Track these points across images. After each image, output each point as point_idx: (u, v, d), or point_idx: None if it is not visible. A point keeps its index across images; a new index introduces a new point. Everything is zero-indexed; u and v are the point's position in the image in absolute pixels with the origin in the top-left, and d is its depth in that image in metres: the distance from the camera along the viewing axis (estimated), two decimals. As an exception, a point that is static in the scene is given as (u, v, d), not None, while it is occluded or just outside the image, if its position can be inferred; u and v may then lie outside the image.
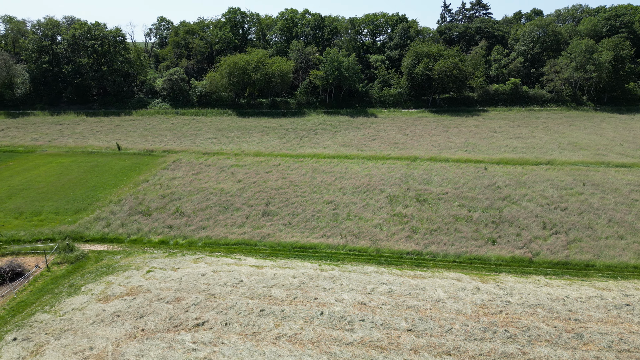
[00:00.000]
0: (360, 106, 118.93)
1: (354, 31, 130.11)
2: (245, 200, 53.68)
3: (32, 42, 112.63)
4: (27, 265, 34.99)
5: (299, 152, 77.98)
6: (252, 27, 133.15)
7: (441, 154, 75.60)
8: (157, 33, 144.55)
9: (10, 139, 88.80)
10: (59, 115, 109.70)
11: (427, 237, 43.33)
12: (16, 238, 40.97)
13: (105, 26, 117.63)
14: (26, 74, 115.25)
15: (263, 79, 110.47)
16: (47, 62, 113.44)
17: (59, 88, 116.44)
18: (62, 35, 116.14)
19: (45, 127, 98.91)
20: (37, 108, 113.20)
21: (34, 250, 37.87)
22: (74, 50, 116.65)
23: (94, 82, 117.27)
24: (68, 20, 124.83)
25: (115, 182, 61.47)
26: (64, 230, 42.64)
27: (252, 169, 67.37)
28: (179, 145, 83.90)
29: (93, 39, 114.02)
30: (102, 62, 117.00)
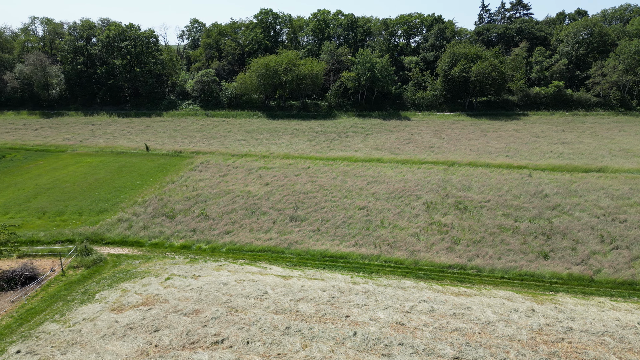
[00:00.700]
0: (393, 109, 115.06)
1: (387, 32, 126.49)
2: (272, 204, 50.96)
3: (67, 43, 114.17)
4: (42, 269, 33.21)
5: (329, 155, 74.95)
6: (284, 29, 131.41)
7: (480, 159, 71.00)
8: (190, 35, 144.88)
9: (43, 138, 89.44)
10: (91, 115, 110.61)
11: (470, 248, 39.36)
12: (35, 239, 39.48)
13: (138, 28, 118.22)
14: (61, 74, 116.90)
15: (294, 80, 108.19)
16: (82, 63, 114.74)
17: (93, 89, 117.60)
18: (97, 36, 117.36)
19: (78, 127, 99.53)
20: (71, 109, 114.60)
21: (52, 253, 36.18)
22: (108, 51, 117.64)
23: (127, 84, 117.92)
24: (104, 22, 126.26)
25: (141, 182, 59.97)
26: (84, 232, 40.92)
27: (281, 172, 64.74)
28: (208, 146, 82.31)
29: (126, 40, 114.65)
30: (135, 64, 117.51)
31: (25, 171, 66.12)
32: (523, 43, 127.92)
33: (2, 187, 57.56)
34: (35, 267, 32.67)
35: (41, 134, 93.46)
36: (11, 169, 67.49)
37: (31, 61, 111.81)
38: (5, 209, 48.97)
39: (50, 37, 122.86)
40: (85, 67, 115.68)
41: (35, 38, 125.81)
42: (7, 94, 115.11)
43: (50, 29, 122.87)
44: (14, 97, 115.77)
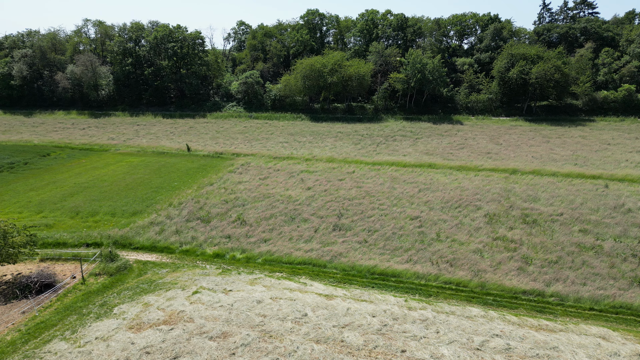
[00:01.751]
0: (444, 112, 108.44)
1: (439, 32, 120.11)
2: (314, 210, 46.67)
3: (117, 45, 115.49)
4: (62, 275, 30.46)
5: (375, 160, 70.03)
6: (330, 30, 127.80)
7: (546, 167, 63.83)
8: (236, 37, 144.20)
9: (89, 138, 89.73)
10: (137, 116, 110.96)
11: (545, 270, 33.35)
12: (62, 241, 37.09)
13: (185, 29, 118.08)
14: (110, 75, 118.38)
15: (339, 82, 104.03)
16: (130, 64, 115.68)
17: (140, 90, 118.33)
18: (145, 38, 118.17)
19: (123, 127, 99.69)
20: (118, 109, 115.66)
21: (75, 257, 33.49)
22: (156, 52, 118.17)
23: (172, 85, 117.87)
24: (153, 25, 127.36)
25: (179, 183, 57.39)
26: (113, 235, 38.18)
27: (324, 176, 60.48)
28: (249, 148, 79.43)
29: (173, 41, 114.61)
30: (181, 65, 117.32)
31: (66, 169, 65.34)
32: (588, 44, 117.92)
33: (42, 184, 56.52)
34: (54, 273, 29.96)
35: (87, 133, 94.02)
36: (53, 167, 66.98)
37: (82, 62, 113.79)
38: (40, 207, 47.36)
39: (101, 39, 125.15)
40: (133, 68, 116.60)
41: (87, 40, 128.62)
42: (58, 94, 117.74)
43: (102, 31, 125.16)
44: (65, 97, 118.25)
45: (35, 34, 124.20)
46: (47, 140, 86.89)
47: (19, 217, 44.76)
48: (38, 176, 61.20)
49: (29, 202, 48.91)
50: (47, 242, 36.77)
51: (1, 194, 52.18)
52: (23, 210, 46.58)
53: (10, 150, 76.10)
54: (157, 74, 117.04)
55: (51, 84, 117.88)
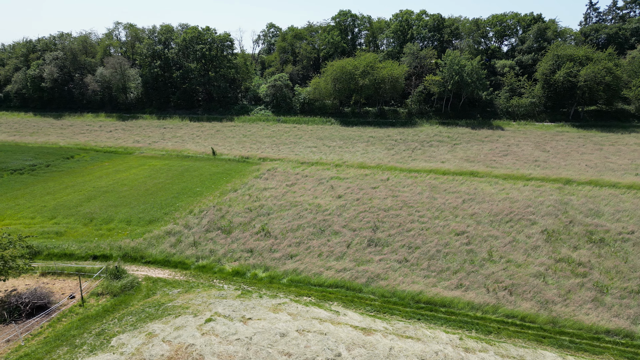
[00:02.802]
0: (483, 117, 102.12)
1: (477, 33, 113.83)
2: (346, 221, 42.03)
3: (146, 47, 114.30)
4: (60, 294, 26.91)
5: (411, 166, 64.84)
6: (363, 31, 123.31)
7: (603, 177, 57.21)
8: (265, 40, 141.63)
9: (115, 140, 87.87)
10: (164, 119, 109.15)
11: (627, 302, 27.66)
12: (69, 252, 33.73)
13: (214, 31, 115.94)
14: (139, 78, 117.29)
15: (371, 85, 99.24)
16: (159, 66, 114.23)
17: (168, 93, 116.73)
18: (174, 40, 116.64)
19: (150, 130, 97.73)
20: (146, 112, 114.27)
21: (79, 272, 29.98)
22: (184, 54, 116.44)
23: (200, 88, 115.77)
24: (183, 27, 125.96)
25: (201, 189, 53.81)
26: (124, 246, 34.57)
27: (355, 183, 55.79)
28: (276, 153, 75.54)
29: (202, 43, 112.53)
30: (210, 67, 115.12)
31: (88, 172, 62.92)
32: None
33: (60, 188, 53.97)
34: (51, 291, 26.41)
35: (113, 136, 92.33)
36: (75, 170, 64.73)
37: (111, 64, 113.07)
38: (54, 212, 44.47)
39: (131, 42, 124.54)
40: (161, 70, 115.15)
41: (118, 42, 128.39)
42: (88, 96, 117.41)
43: (132, 34, 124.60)
44: (95, 99, 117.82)
45: (67, 36, 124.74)
46: (73, 142, 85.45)
47: (30, 222, 41.94)
48: (58, 179, 58.87)
49: (43, 207, 46.17)
50: (52, 253, 33.51)
51: (17, 198, 49.74)
52: (36, 215, 43.78)
53: (34, 152, 74.64)
54: (185, 77, 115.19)
55: (81, 87, 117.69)
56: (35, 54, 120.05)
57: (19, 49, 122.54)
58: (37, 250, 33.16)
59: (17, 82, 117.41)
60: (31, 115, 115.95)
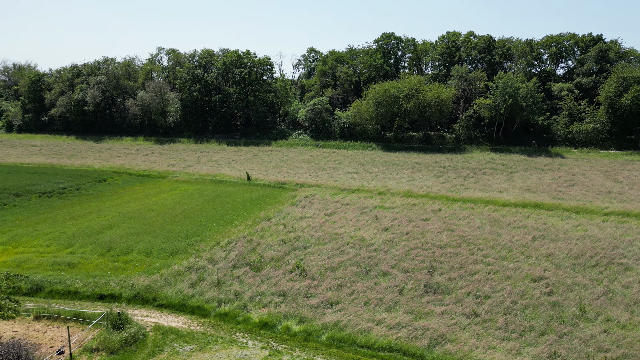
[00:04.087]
0: (538, 144, 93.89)
1: (531, 55, 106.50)
2: (395, 259, 35.78)
3: (186, 71, 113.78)
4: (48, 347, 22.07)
5: (464, 196, 57.98)
6: (406, 54, 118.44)
7: (700, 213, 48.41)
8: (305, 64, 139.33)
9: (149, 164, 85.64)
10: (201, 143, 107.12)
11: None
12: (73, 289, 29.22)
13: (255, 55, 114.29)
14: (178, 102, 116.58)
15: (416, 108, 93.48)
16: (198, 90, 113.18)
17: (206, 117, 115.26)
18: (214, 64, 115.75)
19: (186, 154, 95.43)
20: (184, 136, 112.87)
21: (77, 317, 25.24)
22: (224, 78, 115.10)
23: (239, 112, 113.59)
24: (223, 52, 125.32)
25: (232, 217, 49.06)
26: (137, 284, 29.70)
27: (403, 214, 49.52)
28: (315, 178, 70.47)
29: (242, 67, 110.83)
30: (249, 91, 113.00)
31: (117, 196, 59.76)
32: None
33: (84, 212, 50.60)
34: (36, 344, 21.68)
35: (149, 160, 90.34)
36: (104, 193, 61.82)
37: (151, 88, 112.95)
38: (72, 240, 40.63)
39: (172, 66, 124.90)
40: (200, 94, 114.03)
41: (159, 67, 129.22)
42: (128, 120, 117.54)
43: (174, 59, 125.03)
44: (134, 123, 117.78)
45: (111, 61, 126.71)
46: (108, 165, 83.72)
47: (45, 250, 38.13)
48: (85, 203, 55.82)
49: (62, 234, 42.50)
50: (55, 290, 29.09)
51: (38, 223, 46.53)
52: (52, 243, 40.04)
53: (68, 175, 72.85)
54: (224, 101, 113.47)
55: (122, 111, 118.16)
56: (80, 78, 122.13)
57: (65, 74, 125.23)
58: (38, 285, 28.92)
59: (61, 105, 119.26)
60: (73, 138, 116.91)
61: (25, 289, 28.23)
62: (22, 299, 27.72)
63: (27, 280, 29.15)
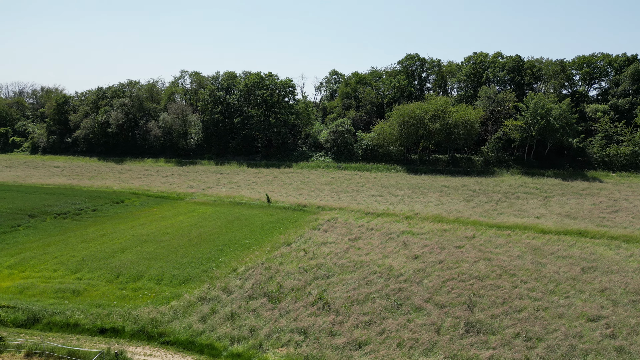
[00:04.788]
0: (573, 167, 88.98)
1: (562, 76, 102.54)
2: (429, 292, 32.11)
3: (208, 93, 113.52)
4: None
5: (498, 221, 53.87)
6: (431, 75, 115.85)
7: None
8: (327, 86, 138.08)
9: (169, 185, 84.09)
10: (222, 165, 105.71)
11: None
12: (73, 322, 26.51)
13: (277, 77, 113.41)
14: (200, 124, 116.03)
15: (443, 130, 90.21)
16: (220, 112, 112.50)
17: (227, 139, 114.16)
18: (236, 86, 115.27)
19: (206, 176, 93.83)
20: (205, 157, 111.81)
21: (71, 355, 22.37)
22: (246, 100, 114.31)
23: (260, 134, 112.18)
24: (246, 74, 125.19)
25: (250, 241, 46.19)
26: (142, 317, 26.82)
27: (433, 240, 45.82)
28: (337, 201, 67.38)
29: (264, 88, 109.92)
30: (270, 113, 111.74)
31: (133, 218, 57.75)
32: None
33: (97, 235, 48.50)
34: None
35: (168, 181, 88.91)
36: (120, 215, 59.94)
37: (173, 110, 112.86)
38: (80, 264, 38.30)
39: (194, 89, 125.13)
40: (222, 116, 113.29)
41: (182, 89, 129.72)
42: (150, 142, 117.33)
43: (196, 81, 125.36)
44: (156, 145, 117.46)
45: (135, 84, 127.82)
46: (127, 187, 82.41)
47: (51, 275, 35.81)
48: (99, 224, 53.88)
49: (72, 257, 40.27)
50: (53, 322, 26.42)
51: (49, 245, 44.52)
52: (60, 267, 37.75)
53: (86, 196, 71.57)
54: (245, 123, 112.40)
55: (144, 132, 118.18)
56: (104, 100, 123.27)
57: (90, 96, 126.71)
58: (36, 316, 26.34)
59: (85, 127, 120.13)
60: (95, 159, 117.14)
61: (21, 320, 25.72)
62: (17, 330, 25.19)
63: (25, 310, 26.63)
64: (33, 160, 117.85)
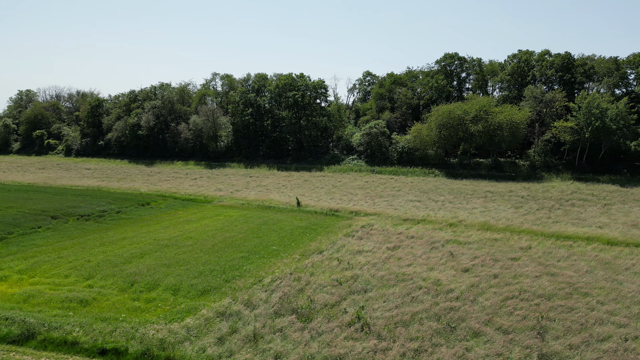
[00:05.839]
0: (631, 173, 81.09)
1: (616, 74, 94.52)
2: (487, 313, 27.06)
3: (239, 95, 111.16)
4: None
5: (555, 230, 47.90)
6: (471, 75, 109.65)
7: None
8: (361, 88, 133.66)
9: (197, 188, 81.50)
10: (251, 168, 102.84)
11: None
12: (71, 339, 22.93)
13: (309, 78, 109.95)
14: (230, 126, 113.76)
15: (485, 132, 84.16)
16: (250, 114, 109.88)
17: (258, 142, 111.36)
18: (267, 87, 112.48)
19: (235, 179, 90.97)
20: (235, 160, 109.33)
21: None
22: (277, 102, 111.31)
23: (291, 136, 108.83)
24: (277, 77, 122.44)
25: (278, 248, 42.16)
26: (149, 337, 22.96)
27: (484, 251, 40.54)
28: (372, 206, 62.78)
29: (295, 89, 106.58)
30: (301, 115, 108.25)
31: (156, 221, 54.85)
32: None
33: (117, 238, 45.58)
34: None
35: (196, 184, 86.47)
36: (144, 218, 57.21)
37: (204, 112, 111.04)
38: (94, 270, 35.14)
39: (225, 91, 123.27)
40: (252, 119, 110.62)
41: (213, 92, 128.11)
42: (180, 144, 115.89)
43: (227, 84, 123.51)
44: (186, 147, 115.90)
45: (166, 87, 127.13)
46: (155, 189, 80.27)
47: (61, 282, 32.74)
48: (121, 227, 51.14)
49: (87, 262, 37.25)
50: (50, 339, 22.92)
51: (65, 248, 41.78)
52: (72, 273, 34.70)
53: (112, 198, 69.54)
54: (275, 125, 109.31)
55: (175, 135, 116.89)
56: (136, 103, 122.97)
57: (123, 99, 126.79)
58: (31, 331, 22.95)
59: (117, 130, 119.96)
60: (126, 162, 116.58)
61: (14, 335, 22.43)
62: (7, 348, 21.86)
63: (20, 324, 23.34)
64: (66, 163, 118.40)
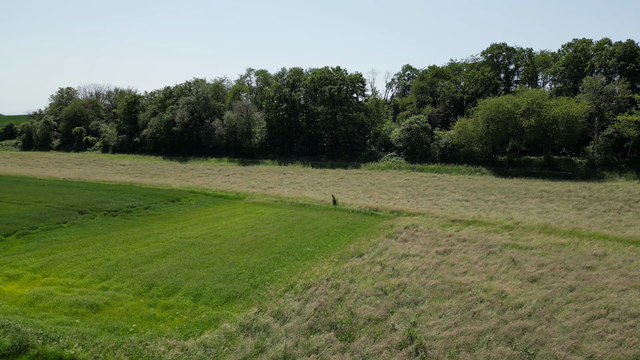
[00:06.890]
0: None
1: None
2: (571, 336, 21.83)
3: (273, 90, 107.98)
4: None
5: (631, 235, 41.59)
6: (521, 66, 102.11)
7: None
8: (400, 82, 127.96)
9: (229, 185, 78.67)
10: (285, 165, 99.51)
11: None
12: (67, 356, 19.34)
13: (345, 71, 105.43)
14: (264, 122, 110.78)
15: (538, 126, 77.09)
16: (284, 109, 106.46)
17: (292, 138, 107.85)
18: (302, 82, 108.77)
19: (268, 176, 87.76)
20: (269, 157, 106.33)
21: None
22: (312, 97, 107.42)
23: (326, 132, 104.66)
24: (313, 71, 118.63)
25: (313, 249, 37.96)
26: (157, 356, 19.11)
27: (551, 257, 34.91)
28: (414, 206, 57.72)
29: (331, 83, 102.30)
30: (337, 111, 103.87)
31: (184, 218, 51.85)
32: None
33: (141, 235, 42.62)
34: None
35: (229, 180, 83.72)
36: (173, 214, 54.38)
37: (237, 108, 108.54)
38: (111, 270, 31.97)
39: (259, 87, 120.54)
40: (287, 114, 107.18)
41: (247, 88, 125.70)
42: (214, 141, 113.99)
43: (262, 79, 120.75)
44: (220, 144, 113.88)
45: (201, 82, 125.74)
46: (187, 185, 77.94)
47: (75, 283, 29.70)
48: (147, 224, 48.35)
49: (105, 261, 34.21)
50: (43, 354, 19.40)
51: (86, 245, 39.06)
52: (88, 272, 31.64)
53: (142, 193, 67.46)
54: (310, 121, 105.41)
55: (209, 131, 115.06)
56: (171, 99, 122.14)
57: (159, 95, 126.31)
58: (23, 344, 19.53)
59: (152, 126, 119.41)
60: (160, 158, 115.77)
61: (5, 348, 19.15)
62: (-5, 363, 18.64)
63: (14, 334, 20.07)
64: (102, 159, 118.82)
